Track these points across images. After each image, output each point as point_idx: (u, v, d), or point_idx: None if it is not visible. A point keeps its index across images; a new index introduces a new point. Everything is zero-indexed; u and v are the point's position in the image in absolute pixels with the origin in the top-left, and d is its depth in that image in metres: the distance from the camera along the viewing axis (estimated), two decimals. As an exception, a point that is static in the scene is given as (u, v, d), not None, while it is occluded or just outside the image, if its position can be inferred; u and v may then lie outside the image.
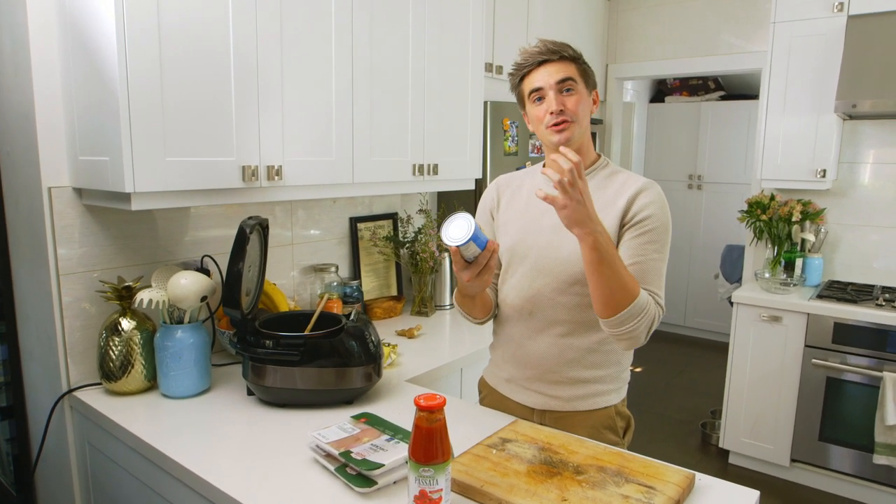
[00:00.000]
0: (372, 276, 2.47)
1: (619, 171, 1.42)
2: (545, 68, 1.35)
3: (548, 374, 1.43)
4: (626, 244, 1.32)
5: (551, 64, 1.34)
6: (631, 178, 1.39)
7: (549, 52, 1.34)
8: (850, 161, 3.13)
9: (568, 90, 1.34)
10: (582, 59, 1.38)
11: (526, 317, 1.44)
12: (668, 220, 1.35)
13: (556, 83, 1.33)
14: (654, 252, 1.32)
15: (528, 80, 1.38)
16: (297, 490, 1.14)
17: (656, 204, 1.34)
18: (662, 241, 1.33)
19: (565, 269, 1.37)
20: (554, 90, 1.33)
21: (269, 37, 1.60)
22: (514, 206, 1.49)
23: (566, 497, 1.05)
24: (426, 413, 1.01)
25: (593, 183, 1.39)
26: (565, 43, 1.38)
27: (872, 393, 2.62)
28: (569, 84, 1.34)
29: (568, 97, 1.34)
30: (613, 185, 1.38)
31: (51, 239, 1.56)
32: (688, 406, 3.89)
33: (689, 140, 5.29)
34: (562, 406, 1.43)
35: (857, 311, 2.67)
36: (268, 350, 1.45)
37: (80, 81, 1.46)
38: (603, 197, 1.37)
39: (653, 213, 1.32)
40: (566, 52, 1.35)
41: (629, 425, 1.49)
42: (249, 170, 1.59)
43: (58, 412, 1.64)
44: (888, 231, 3.07)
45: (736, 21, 3.51)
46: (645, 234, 1.31)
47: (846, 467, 2.77)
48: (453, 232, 1.19)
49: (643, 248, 1.31)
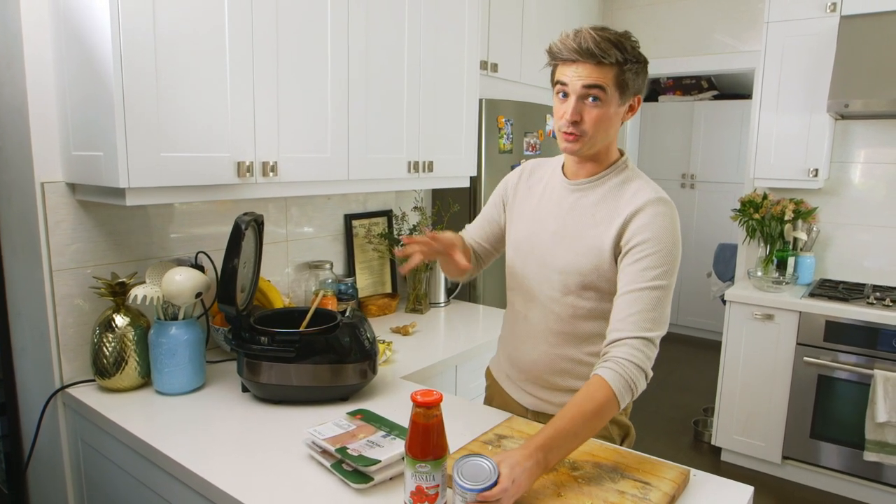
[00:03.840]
0: (366, 273, 2.47)
1: (633, 179, 1.31)
2: (577, 67, 1.20)
3: (539, 379, 1.43)
4: (625, 271, 1.22)
5: (585, 65, 1.19)
6: (640, 191, 1.27)
7: (587, 54, 1.18)
8: (841, 161, 3.16)
9: (594, 99, 1.21)
10: (630, 63, 1.20)
11: (522, 319, 1.44)
12: (674, 243, 1.22)
13: (581, 88, 1.20)
14: (654, 279, 1.19)
15: (559, 68, 1.25)
16: (293, 486, 1.14)
17: (657, 225, 1.22)
18: (664, 267, 1.20)
19: (560, 279, 1.33)
20: (577, 95, 1.21)
21: (265, 33, 1.59)
22: (528, 202, 1.44)
23: (562, 493, 1.06)
24: (423, 409, 1.01)
25: (603, 189, 1.31)
26: (616, 41, 1.19)
27: (863, 390, 2.64)
28: (595, 93, 1.20)
29: (590, 108, 1.21)
30: (623, 197, 1.28)
31: (44, 234, 1.55)
32: (680, 404, 3.91)
33: (682, 139, 5.31)
34: (554, 410, 1.41)
35: (848, 309, 2.69)
36: (263, 346, 1.45)
37: (73, 75, 1.45)
38: (608, 209, 1.28)
39: (651, 235, 1.21)
40: (608, 56, 1.18)
41: (628, 434, 1.44)
42: (244, 165, 1.58)
43: (50, 409, 1.63)
44: (878, 230, 3.10)
45: (729, 21, 3.53)
46: (643, 259, 1.20)
47: (837, 464, 2.80)
48: (468, 472, 1.00)
49: (641, 276, 1.19)
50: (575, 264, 1.30)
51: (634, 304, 1.18)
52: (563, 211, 1.35)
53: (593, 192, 1.33)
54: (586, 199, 1.33)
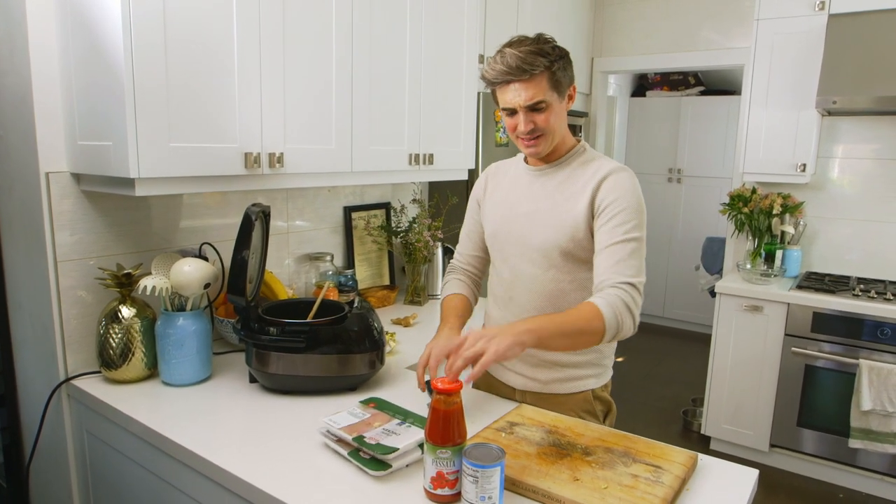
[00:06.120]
0: (365, 265, 2.47)
1: (594, 158, 1.42)
2: (514, 87, 1.30)
3: (526, 356, 1.47)
4: (600, 231, 1.32)
5: (521, 83, 1.29)
6: (602, 166, 1.38)
7: (518, 72, 1.27)
8: (827, 156, 3.23)
9: (539, 109, 1.31)
10: (556, 63, 1.30)
11: (507, 301, 1.50)
12: (639, 201, 1.33)
13: (525, 106, 1.30)
14: (627, 233, 1.29)
15: (498, 93, 1.35)
16: (310, 474, 1.15)
17: (621, 187, 1.32)
18: (634, 221, 1.30)
19: (539, 257, 1.41)
20: (524, 111, 1.31)
21: (272, 26, 1.59)
22: (497, 194, 1.53)
23: (578, 477, 1.08)
24: (444, 396, 1.03)
25: (567, 170, 1.42)
26: (536, 49, 1.28)
27: (849, 380, 2.72)
28: (538, 105, 1.31)
29: (538, 115, 1.32)
30: (586, 173, 1.39)
31: (48, 225, 1.53)
32: (668, 395, 3.98)
33: (669, 134, 5.37)
34: (540, 388, 1.48)
35: (834, 301, 2.76)
36: (272, 337, 1.46)
37: (79, 63, 1.44)
38: (575, 185, 1.38)
39: (618, 195, 1.32)
40: (536, 67, 1.27)
41: (610, 410, 1.53)
42: (252, 157, 1.58)
43: (54, 401, 1.62)
44: (861, 224, 3.18)
45: (718, 18, 3.58)
46: (614, 217, 1.31)
47: (823, 452, 2.87)
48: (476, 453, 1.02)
49: (615, 231, 1.30)
50: (553, 238, 1.38)
51: (614, 255, 1.28)
52: (533, 194, 1.44)
53: (558, 174, 1.43)
54: (553, 181, 1.43)
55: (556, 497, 1.03)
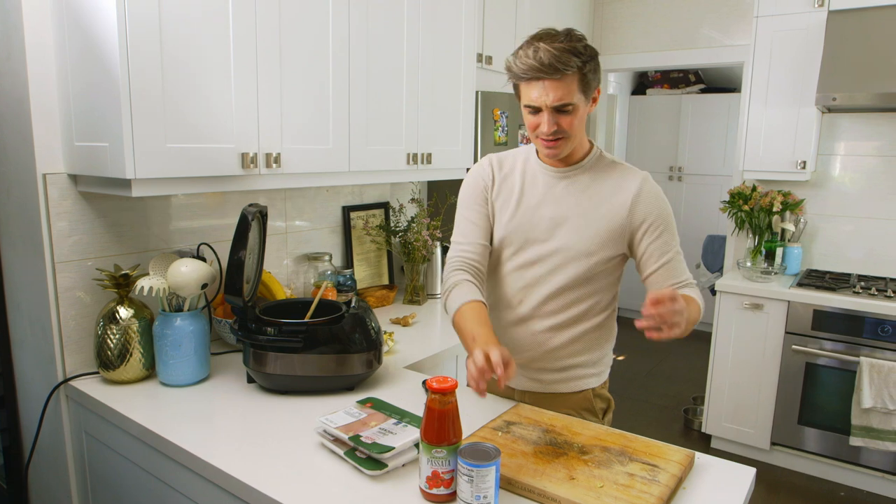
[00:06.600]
0: (364, 265, 2.47)
1: (613, 162, 1.42)
2: (543, 85, 1.23)
3: (530, 362, 1.46)
4: (649, 249, 1.36)
5: (551, 81, 1.22)
6: (626, 174, 1.38)
7: (550, 70, 1.21)
8: (827, 153, 3.22)
9: (565, 111, 1.26)
10: (588, 64, 1.24)
11: (515, 305, 1.46)
12: (669, 208, 1.39)
13: (552, 107, 1.25)
14: (674, 245, 1.38)
15: (523, 88, 1.28)
16: (307, 474, 1.15)
17: (655, 201, 1.37)
18: (673, 229, 1.38)
19: (564, 274, 1.39)
20: (549, 111, 1.25)
21: (268, 25, 1.59)
22: (506, 190, 1.45)
23: (574, 476, 1.08)
24: (439, 395, 1.03)
25: (590, 175, 1.39)
26: (569, 47, 1.22)
27: (849, 377, 2.71)
28: (567, 107, 1.25)
29: (563, 116, 1.27)
30: (612, 178, 1.39)
31: (46, 227, 1.54)
32: (669, 393, 3.97)
33: (669, 132, 5.36)
34: (542, 389, 1.48)
35: (835, 298, 2.75)
36: (269, 337, 1.46)
37: (76, 65, 1.44)
38: (601, 191, 1.38)
39: (658, 212, 1.36)
40: (569, 67, 1.21)
41: (609, 407, 1.53)
42: (248, 157, 1.58)
43: (53, 402, 1.62)
44: (862, 221, 3.17)
45: (718, 15, 3.57)
46: (661, 234, 1.36)
47: (824, 449, 2.87)
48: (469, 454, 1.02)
49: (665, 247, 1.36)
50: (584, 246, 1.37)
51: (671, 273, 1.36)
52: (556, 197, 1.40)
53: (581, 178, 1.40)
54: (576, 185, 1.40)
55: (551, 496, 1.03)
